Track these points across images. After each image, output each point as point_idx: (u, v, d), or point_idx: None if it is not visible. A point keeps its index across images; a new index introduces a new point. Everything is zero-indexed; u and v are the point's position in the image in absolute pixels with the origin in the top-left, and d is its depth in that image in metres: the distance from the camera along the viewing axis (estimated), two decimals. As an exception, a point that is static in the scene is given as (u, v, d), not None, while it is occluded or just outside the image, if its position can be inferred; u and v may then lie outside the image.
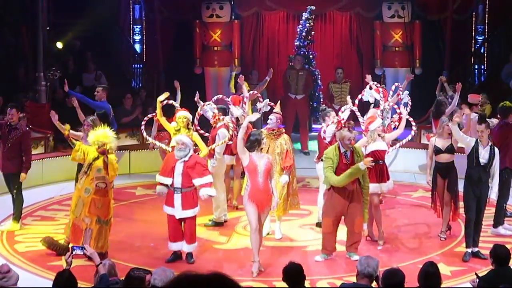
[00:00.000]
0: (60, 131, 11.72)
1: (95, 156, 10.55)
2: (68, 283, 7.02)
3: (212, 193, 10.72)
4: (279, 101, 12.49)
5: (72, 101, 13.48)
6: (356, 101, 12.95)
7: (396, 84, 14.48)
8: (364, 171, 10.39)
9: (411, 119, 12.80)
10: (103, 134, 10.59)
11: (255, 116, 10.85)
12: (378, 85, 14.07)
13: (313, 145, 16.50)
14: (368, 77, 14.22)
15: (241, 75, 14.49)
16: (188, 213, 10.57)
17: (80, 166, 11.44)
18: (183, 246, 10.69)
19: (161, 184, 10.73)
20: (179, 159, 10.50)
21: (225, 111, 13.03)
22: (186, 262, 10.68)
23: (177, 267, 10.39)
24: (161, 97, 12.55)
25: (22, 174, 12.24)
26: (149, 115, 13.26)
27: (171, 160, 10.64)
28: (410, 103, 13.63)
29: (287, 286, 7.19)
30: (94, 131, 10.73)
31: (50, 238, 11.13)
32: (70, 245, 10.79)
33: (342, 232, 10.82)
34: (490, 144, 10.92)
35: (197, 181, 10.52)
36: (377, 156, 11.43)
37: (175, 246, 10.72)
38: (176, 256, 10.76)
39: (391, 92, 13.85)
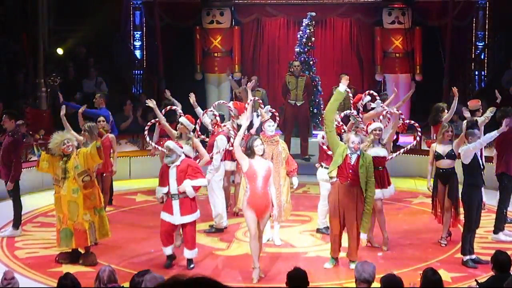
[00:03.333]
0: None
1: (65, 160, 10.65)
2: (74, 285, 7.03)
3: (189, 192, 10.49)
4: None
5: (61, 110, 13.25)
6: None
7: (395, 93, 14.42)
8: (342, 94, 10.46)
9: (416, 124, 12.82)
10: (63, 133, 10.96)
11: (247, 121, 10.79)
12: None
13: (313, 151, 16.49)
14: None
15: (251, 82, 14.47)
16: (187, 218, 10.52)
17: None
18: (184, 253, 10.68)
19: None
20: (170, 164, 10.51)
21: (223, 118, 13.03)
22: (183, 268, 10.66)
23: (171, 274, 10.41)
24: (152, 104, 12.51)
25: (8, 184, 12.22)
26: (152, 121, 13.28)
27: (164, 168, 10.63)
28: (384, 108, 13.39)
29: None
30: (55, 137, 10.83)
31: (63, 254, 11.04)
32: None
33: (344, 238, 10.80)
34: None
35: (187, 182, 10.44)
36: (376, 163, 11.42)
37: (169, 250, 10.69)
38: (172, 260, 10.75)
39: (378, 100, 13.76)
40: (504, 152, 11.97)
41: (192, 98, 13.12)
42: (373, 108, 13.41)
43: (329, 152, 11.27)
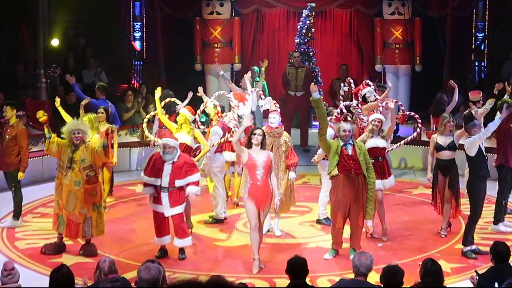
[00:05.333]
0: (60, 126, 11.65)
1: (73, 149, 10.65)
2: (65, 281, 6.97)
3: (198, 193, 10.72)
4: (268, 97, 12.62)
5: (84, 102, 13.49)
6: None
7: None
8: (318, 100, 10.23)
9: (416, 116, 12.80)
10: (78, 122, 10.94)
11: (249, 122, 10.62)
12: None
13: (313, 142, 16.50)
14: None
15: (249, 72, 14.52)
16: (176, 210, 10.57)
17: None
18: (174, 242, 10.70)
19: (147, 185, 10.64)
20: (168, 161, 10.49)
21: (223, 109, 13.02)
22: (177, 259, 10.70)
23: (172, 265, 10.44)
24: (157, 95, 12.48)
25: (20, 173, 12.22)
26: (152, 113, 13.27)
27: (158, 161, 10.55)
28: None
29: (287, 283, 7.18)
30: (69, 123, 10.87)
31: (49, 245, 11.07)
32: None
33: (345, 230, 10.81)
34: None
35: (183, 181, 10.47)
36: (376, 153, 11.43)
37: (161, 241, 10.75)
38: (164, 252, 10.77)
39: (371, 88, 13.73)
40: (503, 144, 11.97)
41: (200, 91, 13.14)
42: (366, 97, 13.40)
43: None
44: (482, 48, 20.34)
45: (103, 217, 10.94)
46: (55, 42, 17.70)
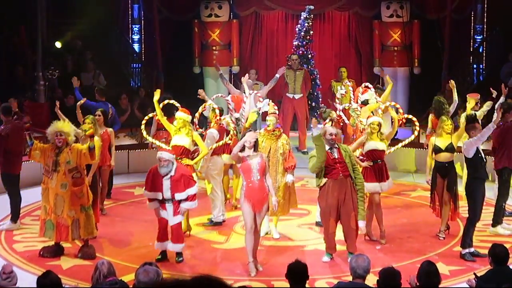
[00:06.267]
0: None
1: (57, 152, 10.62)
2: (53, 285, 6.96)
3: (193, 206, 10.70)
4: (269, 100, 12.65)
5: (78, 104, 13.45)
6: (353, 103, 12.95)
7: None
8: (319, 138, 10.25)
9: (414, 119, 12.80)
10: (65, 124, 10.84)
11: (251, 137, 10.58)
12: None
13: (311, 144, 16.48)
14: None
15: (247, 74, 14.56)
16: (179, 218, 10.61)
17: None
18: (167, 246, 10.70)
19: (151, 200, 10.63)
20: (165, 175, 10.47)
21: (221, 112, 13.02)
22: (175, 262, 10.70)
23: (171, 267, 10.43)
24: (156, 97, 12.49)
25: None
26: (150, 115, 13.27)
27: (157, 176, 10.49)
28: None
29: (286, 285, 7.18)
30: (53, 125, 10.81)
31: (47, 248, 11.04)
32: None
33: (339, 232, 10.80)
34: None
35: (183, 194, 10.46)
36: (375, 156, 11.43)
37: (161, 246, 10.72)
38: (164, 255, 10.76)
39: (371, 91, 13.75)
40: (506, 147, 11.94)
41: (202, 93, 13.15)
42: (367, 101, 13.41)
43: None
44: (481, 50, 20.39)
45: (91, 218, 10.84)
46: (58, 45, 17.73)
